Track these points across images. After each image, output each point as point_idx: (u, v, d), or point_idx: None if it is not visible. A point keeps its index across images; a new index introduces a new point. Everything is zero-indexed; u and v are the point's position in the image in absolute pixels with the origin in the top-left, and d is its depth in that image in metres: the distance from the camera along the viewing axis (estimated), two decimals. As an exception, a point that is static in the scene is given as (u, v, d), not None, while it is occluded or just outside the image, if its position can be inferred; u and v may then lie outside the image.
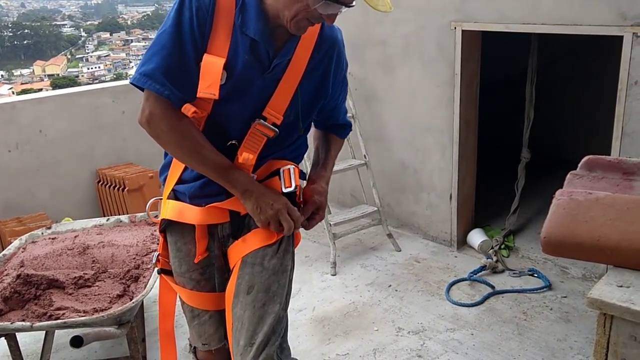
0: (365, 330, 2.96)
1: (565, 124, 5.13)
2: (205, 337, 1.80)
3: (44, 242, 2.82)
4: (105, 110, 4.16)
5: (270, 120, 1.58)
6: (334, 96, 1.75)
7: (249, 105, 1.57)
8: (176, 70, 1.49)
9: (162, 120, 1.52)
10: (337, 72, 1.69)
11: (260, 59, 1.54)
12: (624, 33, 2.76)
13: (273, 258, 1.66)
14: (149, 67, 1.48)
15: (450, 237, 3.81)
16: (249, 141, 1.59)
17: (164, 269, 1.81)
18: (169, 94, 1.49)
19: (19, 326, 2.14)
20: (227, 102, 1.54)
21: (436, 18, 3.49)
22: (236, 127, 1.60)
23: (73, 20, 57.43)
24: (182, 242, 1.73)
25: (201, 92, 1.49)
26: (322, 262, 3.67)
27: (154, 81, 1.48)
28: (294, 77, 1.59)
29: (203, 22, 1.48)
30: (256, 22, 1.49)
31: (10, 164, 3.80)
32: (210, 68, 1.49)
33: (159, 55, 1.48)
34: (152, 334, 2.91)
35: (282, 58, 1.56)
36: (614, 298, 1.40)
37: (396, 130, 3.92)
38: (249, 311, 1.61)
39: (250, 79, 1.55)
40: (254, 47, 1.53)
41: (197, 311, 1.78)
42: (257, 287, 1.62)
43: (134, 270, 2.56)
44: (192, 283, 1.74)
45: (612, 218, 1.54)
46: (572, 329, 2.89)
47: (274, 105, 1.58)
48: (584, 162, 1.87)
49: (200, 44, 1.50)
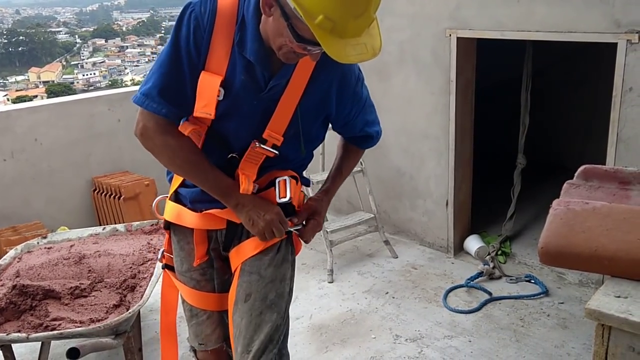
0: (362, 338, 2.95)
1: (561, 130, 5.15)
2: (202, 337, 1.83)
3: (39, 252, 2.81)
4: (101, 118, 4.16)
5: (270, 142, 1.58)
6: (343, 113, 1.69)
7: (248, 124, 1.57)
8: (173, 88, 1.50)
9: (155, 135, 1.55)
10: (343, 90, 1.63)
11: (256, 80, 1.53)
12: (618, 40, 2.78)
13: (270, 267, 1.68)
14: (148, 86, 1.51)
15: (447, 244, 3.81)
16: (249, 158, 1.60)
17: (168, 265, 1.85)
18: (166, 112, 1.52)
19: (15, 337, 2.14)
20: (225, 119, 1.55)
21: (431, 25, 3.50)
22: (236, 142, 1.61)
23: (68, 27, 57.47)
24: (184, 241, 1.76)
25: (197, 111, 1.51)
26: (319, 270, 3.67)
27: (152, 100, 1.50)
28: (292, 98, 1.56)
29: (200, 39, 1.48)
30: (252, 43, 1.47)
31: (6, 172, 3.79)
32: (207, 87, 1.49)
33: (157, 74, 1.51)
34: (149, 343, 2.90)
35: (279, 80, 1.53)
36: (612, 309, 1.40)
37: (392, 137, 3.92)
38: (246, 319, 1.64)
39: (247, 99, 1.54)
40: (250, 68, 1.51)
41: (196, 310, 1.81)
42: (254, 296, 1.64)
43: (130, 280, 2.55)
44: (193, 282, 1.78)
45: (609, 228, 1.54)
46: (570, 335, 2.89)
47: (273, 127, 1.57)
48: (581, 171, 1.87)
49: (197, 62, 1.49)
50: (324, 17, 1.26)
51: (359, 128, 1.78)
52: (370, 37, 1.37)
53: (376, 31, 1.40)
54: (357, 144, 1.86)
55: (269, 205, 1.62)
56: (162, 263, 1.87)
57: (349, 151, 1.88)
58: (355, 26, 1.32)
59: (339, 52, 1.31)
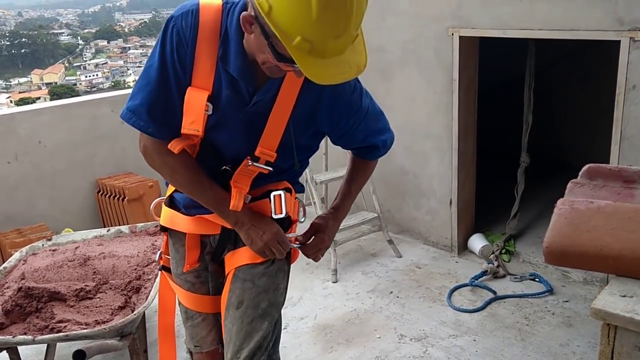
0: (367, 338, 2.95)
1: (564, 127, 5.14)
2: (197, 339, 1.83)
3: (44, 254, 2.81)
4: (104, 120, 4.16)
5: (263, 160, 1.56)
6: (339, 124, 1.62)
7: (237, 137, 1.55)
8: (159, 106, 1.49)
9: (154, 153, 1.56)
10: (336, 101, 1.56)
11: (241, 94, 1.50)
12: (621, 38, 2.77)
13: (264, 276, 1.67)
14: (135, 102, 1.50)
15: (451, 243, 3.81)
16: (242, 172, 1.58)
17: (165, 267, 1.86)
18: (153, 131, 1.51)
19: (21, 340, 2.14)
20: (215, 132, 1.54)
21: (433, 24, 3.50)
22: (228, 154, 1.59)
23: (70, 29, 57.60)
24: (179, 244, 1.77)
25: (185, 128, 1.49)
26: (323, 270, 3.67)
27: (138, 118, 1.49)
28: (283, 113, 1.52)
29: (184, 54, 1.45)
30: (235, 58, 1.43)
31: (10, 175, 3.80)
32: (193, 103, 1.47)
33: (144, 92, 1.49)
34: (154, 344, 2.89)
35: (263, 95, 1.49)
36: (618, 308, 1.41)
37: (395, 136, 3.91)
38: (237, 326, 1.64)
39: (233, 113, 1.52)
40: (234, 82, 1.48)
41: (191, 312, 1.81)
42: (246, 304, 1.64)
43: (135, 281, 2.55)
44: (188, 285, 1.78)
45: (613, 227, 1.54)
46: (575, 334, 2.89)
47: (265, 143, 1.55)
48: (585, 170, 1.87)
49: (183, 77, 1.47)
50: (302, 39, 1.23)
51: (360, 139, 1.71)
52: (355, 54, 1.32)
53: (361, 47, 1.34)
54: (363, 156, 1.80)
55: (269, 224, 1.61)
56: (159, 264, 1.87)
57: (356, 165, 1.83)
58: (336, 45, 1.27)
59: (318, 73, 1.26)
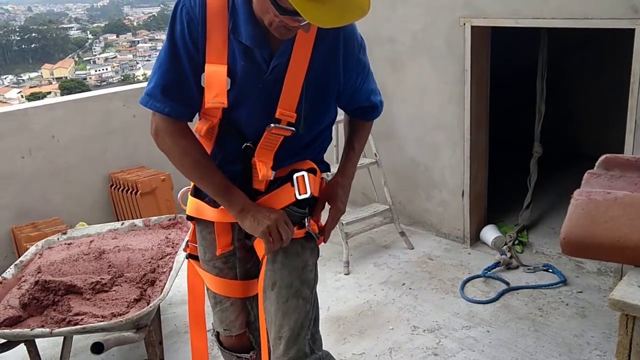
0: (380, 330, 2.96)
1: (578, 117, 5.10)
2: (226, 323, 1.87)
3: (60, 248, 2.84)
4: (117, 114, 4.19)
5: (285, 121, 1.58)
6: (350, 81, 1.66)
7: (259, 108, 1.58)
8: (174, 86, 1.52)
9: (166, 134, 1.58)
10: (348, 58, 1.60)
11: (257, 63, 1.53)
12: (635, 26, 2.73)
13: (292, 255, 1.69)
14: (149, 86, 1.54)
15: (463, 234, 3.80)
16: (264, 145, 1.60)
17: (192, 255, 1.89)
18: (169, 111, 1.54)
19: (39, 332, 2.17)
20: (236, 107, 1.56)
21: (445, 14, 3.48)
22: (250, 130, 1.61)
23: (80, 23, 57.81)
24: (206, 231, 1.79)
25: (209, 102, 1.52)
26: (335, 262, 3.68)
27: (155, 100, 1.53)
28: (298, 73, 1.54)
29: (195, 32, 1.49)
30: (246, 27, 1.47)
31: (24, 169, 3.84)
32: (215, 77, 1.50)
33: (158, 73, 1.53)
34: (169, 336, 2.93)
35: (280, 59, 1.52)
36: (636, 299, 1.40)
37: (406, 127, 3.91)
38: (274, 306, 1.66)
39: (251, 84, 1.54)
40: (249, 52, 1.51)
41: (220, 297, 1.85)
42: (279, 284, 1.66)
43: (150, 274, 2.57)
44: (216, 270, 1.81)
45: (631, 218, 1.53)
46: (589, 324, 2.88)
47: (284, 104, 1.56)
48: (601, 161, 1.85)
49: (197, 56, 1.51)
50: None
51: (364, 97, 1.76)
52: None
53: None
54: (363, 117, 1.84)
55: (275, 209, 1.63)
56: (186, 253, 1.91)
57: (357, 126, 1.86)
58: None
59: (320, 16, 1.26)
